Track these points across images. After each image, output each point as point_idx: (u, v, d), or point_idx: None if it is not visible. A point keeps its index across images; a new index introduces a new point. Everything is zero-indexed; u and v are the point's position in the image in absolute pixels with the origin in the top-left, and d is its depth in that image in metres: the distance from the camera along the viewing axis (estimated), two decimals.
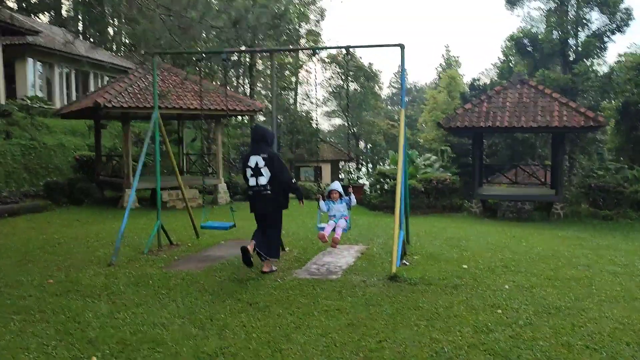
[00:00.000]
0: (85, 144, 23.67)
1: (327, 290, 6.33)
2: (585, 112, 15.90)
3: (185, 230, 10.93)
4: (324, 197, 8.01)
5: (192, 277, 6.83)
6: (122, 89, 16.19)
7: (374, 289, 6.38)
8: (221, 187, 18.59)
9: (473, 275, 7.01)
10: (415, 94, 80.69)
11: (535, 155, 38.08)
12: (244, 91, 29.59)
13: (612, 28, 29.23)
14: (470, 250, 9.01)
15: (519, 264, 7.86)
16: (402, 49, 7.78)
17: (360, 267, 7.60)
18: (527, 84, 17.69)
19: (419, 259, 8.21)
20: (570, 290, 6.32)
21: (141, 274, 7.00)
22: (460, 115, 16.83)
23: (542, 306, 5.64)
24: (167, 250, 8.75)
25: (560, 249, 9.44)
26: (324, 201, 7.94)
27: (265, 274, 7.11)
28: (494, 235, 11.36)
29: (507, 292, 6.18)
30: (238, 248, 8.97)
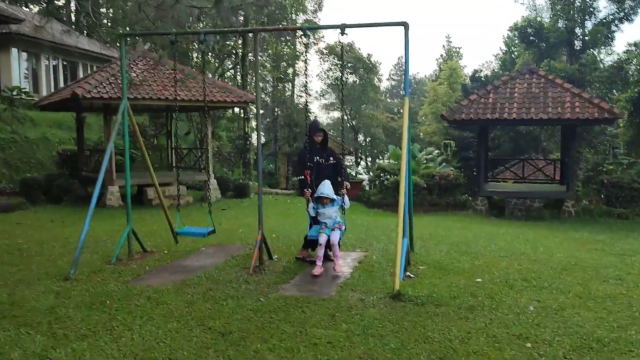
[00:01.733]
0: (71, 137, 22.60)
1: (318, 312, 5.29)
2: (599, 104, 14.82)
3: (165, 234, 9.87)
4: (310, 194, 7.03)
5: (159, 296, 5.79)
6: (104, 79, 15.13)
7: (373, 311, 5.35)
8: (211, 184, 17.51)
9: (489, 292, 5.97)
10: (415, 86, 79.43)
11: (539, 149, 37.05)
12: (237, 83, 28.47)
13: (620, 17, 28.10)
14: (482, 258, 7.97)
15: (541, 276, 6.82)
16: (406, 29, 6.70)
17: (358, 280, 6.56)
18: (537, 74, 16.60)
19: (425, 269, 7.17)
20: (608, 314, 5.28)
21: (100, 291, 5.95)
22: (465, 106, 15.76)
23: (580, 337, 4.60)
24: (138, 260, 7.71)
25: (582, 256, 8.41)
26: (313, 203, 7.01)
27: (248, 291, 6.07)
28: (505, 238, 10.32)
29: (533, 317, 5.14)
30: (219, 256, 8.00)
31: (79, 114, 17.85)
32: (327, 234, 6.84)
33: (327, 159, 7.33)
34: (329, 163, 7.31)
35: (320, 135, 7.32)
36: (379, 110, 52.44)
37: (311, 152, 7.21)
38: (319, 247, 6.84)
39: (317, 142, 7.30)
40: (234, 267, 7.27)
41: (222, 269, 7.10)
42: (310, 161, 7.17)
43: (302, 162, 7.21)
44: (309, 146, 7.21)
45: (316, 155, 7.25)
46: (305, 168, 7.13)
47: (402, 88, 76.99)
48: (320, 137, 7.31)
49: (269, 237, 9.80)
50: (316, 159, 7.25)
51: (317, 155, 7.26)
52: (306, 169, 7.12)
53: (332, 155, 7.34)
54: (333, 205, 6.90)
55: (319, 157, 7.28)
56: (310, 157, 7.20)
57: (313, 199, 6.98)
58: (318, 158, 7.27)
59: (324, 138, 7.35)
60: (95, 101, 14.69)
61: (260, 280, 6.53)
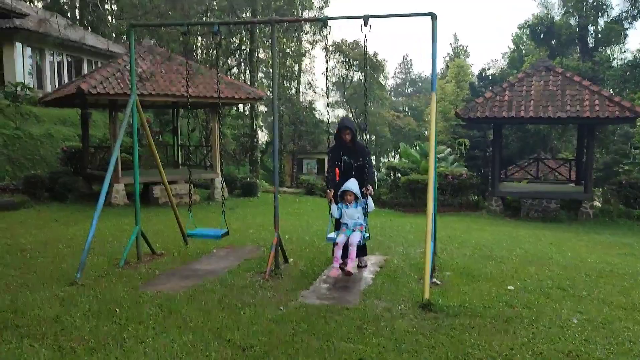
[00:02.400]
0: (76, 134, 22.26)
1: (344, 324, 4.89)
2: (620, 102, 14.36)
3: (174, 235, 9.49)
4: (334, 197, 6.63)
5: (172, 304, 5.39)
6: (109, 74, 14.76)
7: (403, 322, 4.95)
8: (218, 182, 17.16)
9: (525, 302, 5.56)
10: (420, 85, 79.03)
11: (547, 149, 36.56)
12: (244, 79, 28.07)
13: (634, 14, 27.56)
14: (509, 263, 7.56)
15: (575, 283, 6.41)
16: (434, 19, 6.31)
17: (382, 287, 6.16)
18: (553, 71, 16.13)
19: (451, 275, 6.76)
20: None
21: (109, 298, 5.56)
22: (480, 104, 15.32)
23: (636, 355, 4.19)
24: (147, 262, 7.32)
25: (614, 262, 7.99)
26: (335, 204, 6.63)
27: (266, 299, 5.68)
28: (527, 241, 9.90)
29: (578, 330, 4.73)
30: (231, 259, 7.61)
31: (83, 110, 17.48)
32: (347, 235, 6.44)
33: (356, 159, 6.79)
34: (358, 164, 6.76)
35: (349, 134, 6.79)
36: (385, 108, 52.05)
37: (339, 150, 6.86)
38: (336, 247, 6.41)
39: (345, 140, 6.82)
40: (248, 271, 6.88)
41: (235, 274, 6.71)
42: (337, 160, 6.82)
43: (330, 160, 6.92)
44: (337, 144, 6.89)
45: (345, 155, 6.82)
46: (333, 167, 6.82)
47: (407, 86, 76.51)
48: (348, 135, 6.81)
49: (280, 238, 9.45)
50: (344, 159, 6.83)
51: (345, 155, 6.82)
52: (335, 167, 6.80)
53: (362, 155, 6.82)
54: (356, 206, 6.55)
55: (347, 157, 6.81)
56: (337, 156, 6.84)
57: (336, 198, 6.62)
58: (346, 158, 6.81)
59: (353, 136, 6.85)
60: (100, 97, 14.31)
61: (277, 286, 6.14)
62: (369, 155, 7.07)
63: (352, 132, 6.80)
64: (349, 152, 6.81)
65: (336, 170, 6.81)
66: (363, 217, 6.55)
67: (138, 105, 7.28)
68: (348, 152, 6.81)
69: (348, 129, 6.78)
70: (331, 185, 6.76)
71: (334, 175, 6.82)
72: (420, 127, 52.36)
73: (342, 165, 6.80)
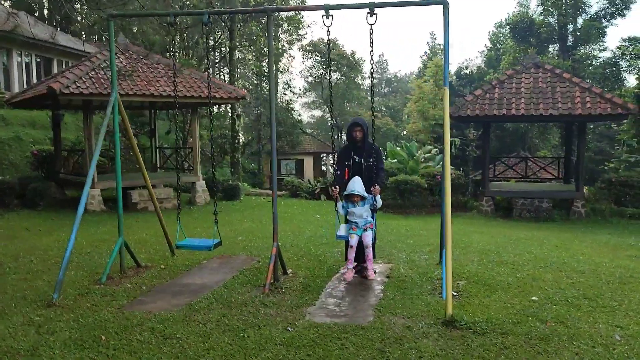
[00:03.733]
0: (46, 137, 21.26)
1: (364, 347, 4.34)
2: (612, 99, 14.09)
3: (158, 244, 8.83)
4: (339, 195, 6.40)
5: (165, 327, 4.76)
6: (83, 73, 13.91)
7: (428, 343, 4.42)
8: (199, 185, 16.45)
9: (556, 316, 5.08)
10: (396, 84, 78.95)
11: (526, 147, 36.58)
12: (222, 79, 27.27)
13: (612, 12, 27.64)
14: (523, 269, 7.09)
15: (601, 292, 5.96)
16: (446, 7, 5.78)
17: (395, 300, 5.62)
18: (542, 68, 15.81)
19: (465, 285, 6.26)
20: None
21: (92, 322, 4.90)
22: (470, 102, 14.91)
23: None
24: (132, 277, 6.65)
25: (629, 265, 7.58)
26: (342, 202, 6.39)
27: (269, 317, 5.08)
28: (531, 243, 9.47)
29: (626, 350, 4.26)
30: (225, 271, 6.99)
31: (55, 111, 16.57)
32: (359, 235, 6.21)
33: (366, 158, 6.51)
34: (368, 163, 6.48)
35: (360, 131, 6.53)
36: (363, 108, 51.67)
37: (349, 149, 6.66)
38: (350, 249, 6.24)
39: (355, 138, 6.56)
40: (245, 284, 6.29)
41: (231, 288, 6.10)
42: (347, 159, 6.61)
43: (338, 160, 6.73)
44: (348, 144, 6.71)
45: (355, 154, 6.58)
46: (342, 166, 6.63)
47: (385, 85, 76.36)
48: (359, 132, 6.53)
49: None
50: (354, 158, 6.57)
51: (356, 154, 6.58)
52: (344, 168, 6.61)
53: (372, 154, 6.50)
54: (364, 204, 6.26)
55: (358, 157, 6.56)
56: (347, 155, 6.62)
57: (343, 197, 6.35)
58: (357, 157, 6.56)
59: (364, 134, 6.54)
60: (74, 97, 13.48)
61: (280, 302, 5.55)
62: (380, 155, 6.74)
63: (363, 129, 6.54)
64: (359, 152, 6.58)
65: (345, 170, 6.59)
66: (372, 215, 6.30)
67: (120, 104, 6.60)
68: (358, 151, 6.58)
69: (359, 126, 6.57)
70: (337, 182, 6.58)
71: (343, 174, 6.61)
72: (398, 126, 52.17)
73: (351, 165, 6.57)
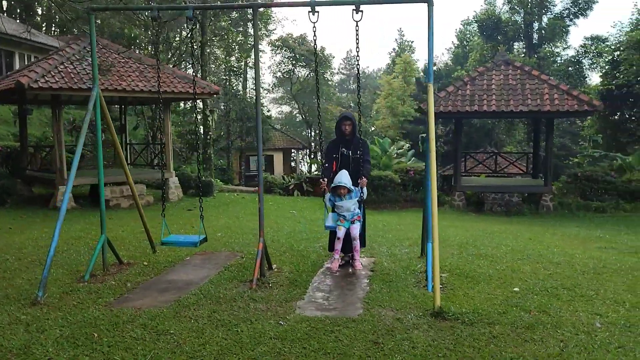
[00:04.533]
0: (9, 133, 20.74)
1: (357, 339, 4.42)
2: (579, 96, 14.54)
3: (137, 241, 8.75)
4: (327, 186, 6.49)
5: (157, 323, 4.74)
6: (52, 67, 13.57)
7: (420, 334, 4.52)
8: (172, 182, 16.29)
9: (538, 305, 5.25)
10: (364, 80, 79.32)
11: (492, 142, 37.34)
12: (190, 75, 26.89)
13: (574, 11, 28.41)
14: (501, 262, 7.30)
15: (578, 282, 6.19)
16: (430, 5, 5.89)
17: (381, 293, 5.72)
18: (512, 65, 16.20)
19: (448, 277, 6.41)
20: None
21: (81, 319, 4.84)
22: (442, 99, 15.16)
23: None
24: (115, 274, 6.58)
25: (599, 256, 7.88)
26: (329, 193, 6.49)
27: (260, 312, 5.12)
28: (505, 237, 9.74)
29: (607, 337, 4.44)
30: (209, 267, 6.97)
31: (21, 106, 16.16)
32: (346, 227, 6.36)
33: (354, 151, 6.65)
34: (356, 156, 6.63)
35: (349, 125, 6.71)
36: (332, 104, 51.83)
37: (337, 143, 6.83)
38: (337, 240, 6.41)
39: (345, 132, 6.73)
40: (231, 280, 6.29)
41: (218, 284, 6.10)
42: (334, 152, 6.77)
43: (327, 153, 6.90)
44: (337, 138, 6.89)
45: (343, 147, 6.73)
46: (330, 159, 6.79)
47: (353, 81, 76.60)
48: (348, 126, 6.71)
49: (254, 241, 8.87)
50: (342, 151, 6.71)
51: (344, 147, 6.73)
52: (332, 160, 6.76)
53: (359, 147, 6.63)
54: (351, 197, 6.37)
55: (346, 149, 6.71)
56: (335, 148, 6.79)
57: (330, 190, 6.46)
58: (345, 150, 6.71)
59: (353, 128, 6.72)
60: (43, 92, 13.15)
61: (268, 297, 5.58)
62: (367, 148, 6.90)
63: (353, 123, 6.70)
64: (348, 145, 6.72)
65: (333, 163, 6.75)
66: (359, 206, 6.44)
67: (101, 100, 6.50)
68: (347, 145, 6.72)
69: (349, 120, 6.73)
70: (325, 175, 6.71)
71: (331, 166, 6.76)
72: (367, 122, 52.48)
73: (339, 158, 6.72)
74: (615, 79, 17.71)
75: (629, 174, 15.92)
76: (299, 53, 44.47)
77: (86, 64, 14.08)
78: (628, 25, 19.42)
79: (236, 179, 38.11)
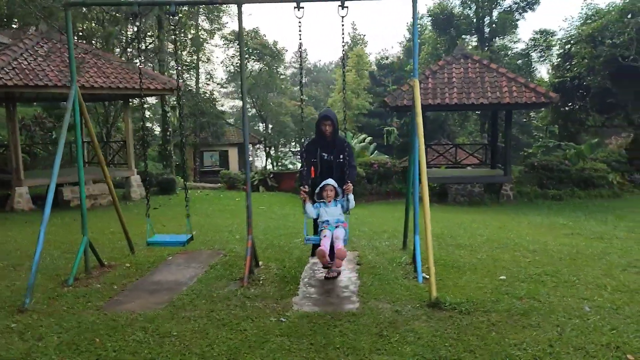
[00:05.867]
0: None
1: (363, 332, 4.47)
2: (536, 88, 15.07)
3: (111, 242, 8.54)
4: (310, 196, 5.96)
5: (157, 326, 4.66)
6: (5, 64, 12.99)
7: (422, 325, 4.62)
8: (134, 180, 15.91)
9: (527, 292, 5.45)
10: (316, 74, 79.47)
11: (445, 134, 38.17)
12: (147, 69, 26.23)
13: (523, 5, 29.29)
14: (481, 251, 7.52)
15: (558, 269, 6.44)
16: (414, 1, 5.98)
17: (373, 286, 5.80)
18: (471, 59, 16.61)
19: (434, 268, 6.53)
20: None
21: (77, 325, 4.70)
22: (405, 92, 15.38)
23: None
24: (98, 277, 6.40)
25: (571, 243, 8.23)
26: (311, 203, 5.94)
27: (258, 310, 5.10)
28: (476, 226, 10.02)
29: (599, 319, 4.66)
30: (194, 266, 6.88)
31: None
32: (331, 230, 5.74)
33: (336, 155, 6.04)
34: (338, 161, 6.04)
35: (330, 125, 6.05)
36: (286, 97, 51.63)
37: (316, 145, 6.13)
38: (324, 238, 5.67)
39: (325, 133, 6.08)
40: (220, 279, 6.23)
41: (207, 283, 6.03)
42: (313, 156, 6.08)
43: (305, 156, 6.19)
44: (316, 138, 6.19)
45: (323, 151, 6.08)
46: (308, 163, 6.08)
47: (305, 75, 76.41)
48: (329, 127, 6.05)
49: (231, 239, 8.81)
50: (322, 155, 6.07)
51: (324, 151, 6.08)
52: (310, 165, 6.07)
53: (342, 152, 6.05)
54: (336, 204, 5.88)
55: (326, 154, 6.07)
56: (314, 152, 6.10)
57: (314, 197, 5.95)
58: (325, 155, 6.07)
59: (334, 129, 6.08)
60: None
61: (263, 294, 5.57)
62: (352, 151, 6.29)
63: (333, 123, 6.06)
64: (328, 148, 6.07)
65: (312, 168, 6.08)
66: (343, 215, 5.93)
67: (80, 98, 6.30)
68: (327, 147, 6.08)
69: (329, 120, 6.06)
70: (305, 181, 5.99)
71: (309, 171, 6.08)
72: None
73: (318, 162, 6.06)
74: (566, 71, 18.43)
75: (582, 163, 16.61)
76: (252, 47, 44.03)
77: (41, 60, 13.58)
78: (578, 19, 20.18)
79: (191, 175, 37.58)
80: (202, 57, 41.02)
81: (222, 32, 43.61)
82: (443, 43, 29.49)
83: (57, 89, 13.21)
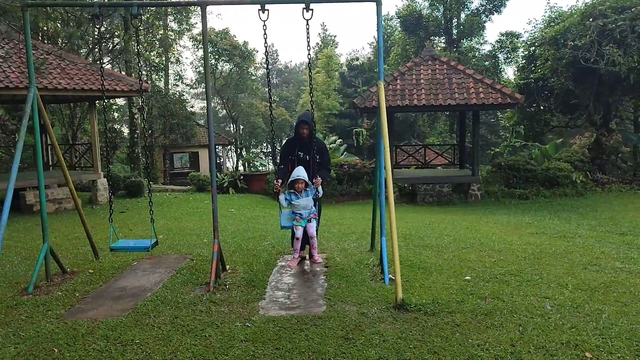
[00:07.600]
0: None
1: (328, 336, 4.47)
2: (502, 89, 15.31)
3: (75, 248, 8.36)
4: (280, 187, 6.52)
5: (120, 334, 4.57)
6: None
7: (387, 327, 4.64)
8: (100, 183, 15.62)
9: (492, 292, 5.52)
10: (287, 75, 79.39)
11: (415, 135, 38.54)
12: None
13: (489, 8, 29.75)
14: (447, 251, 7.59)
15: (522, 268, 6.55)
16: (379, 5, 6.01)
17: (340, 288, 5.80)
18: (439, 60, 16.79)
19: (401, 270, 6.55)
20: (623, 306, 5.07)
21: (35, 335, 4.58)
22: (375, 94, 15.46)
23: (628, 338, 4.27)
24: (60, 284, 6.25)
25: (535, 242, 8.37)
26: (284, 195, 6.45)
27: (223, 315, 5.05)
28: (443, 226, 10.11)
29: (559, 318, 4.74)
30: (160, 272, 6.78)
31: None
32: (303, 226, 6.41)
33: (312, 155, 6.51)
34: (315, 161, 6.52)
35: (307, 128, 6.59)
36: (257, 98, 51.41)
37: (293, 145, 6.74)
38: (296, 240, 6.45)
39: (303, 136, 6.64)
40: (186, 284, 6.16)
41: (173, 289, 5.95)
42: (291, 154, 6.71)
43: (282, 155, 6.83)
44: (294, 138, 6.77)
45: (300, 151, 6.66)
46: (286, 161, 6.73)
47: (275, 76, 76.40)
48: (306, 130, 6.60)
49: (199, 243, 8.71)
50: (299, 154, 6.65)
51: (300, 151, 6.66)
52: (287, 162, 6.72)
53: (318, 152, 6.55)
54: (306, 195, 6.37)
55: (303, 153, 6.64)
56: (292, 150, 6.72)
57: (287, 187, 6.46)
58: (302, 154, 6.64)
59: (310, 131, 6.57)
60: None
61: (229, 299, 5.52)
62: (325, 150, 6.81)
63: (310, 126, 6.56)
64: (305, 148, 6.63)
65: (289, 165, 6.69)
66: (314, 206, 6.44)
67: (39, 100, 6.14)
68: (304, 147, 6.63)
69: (306, 124, 6.58)
70: (279, 176, 6.65)
71: (286, 168, 6.69)
72: (293, 117, 52.51)
73: (295, 160, 6.65)
74: (531, 72, 18.77)
75: (547, 163, 16.94)
76: (221, 48, 43.72)
77: (1, 61, 13.25)
78: (542, 22, 20.57)
79: (161, 177, 37.14)
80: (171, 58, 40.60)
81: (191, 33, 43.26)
82: (412, 44, 29.74)
83: (18, 91, 12.89)
